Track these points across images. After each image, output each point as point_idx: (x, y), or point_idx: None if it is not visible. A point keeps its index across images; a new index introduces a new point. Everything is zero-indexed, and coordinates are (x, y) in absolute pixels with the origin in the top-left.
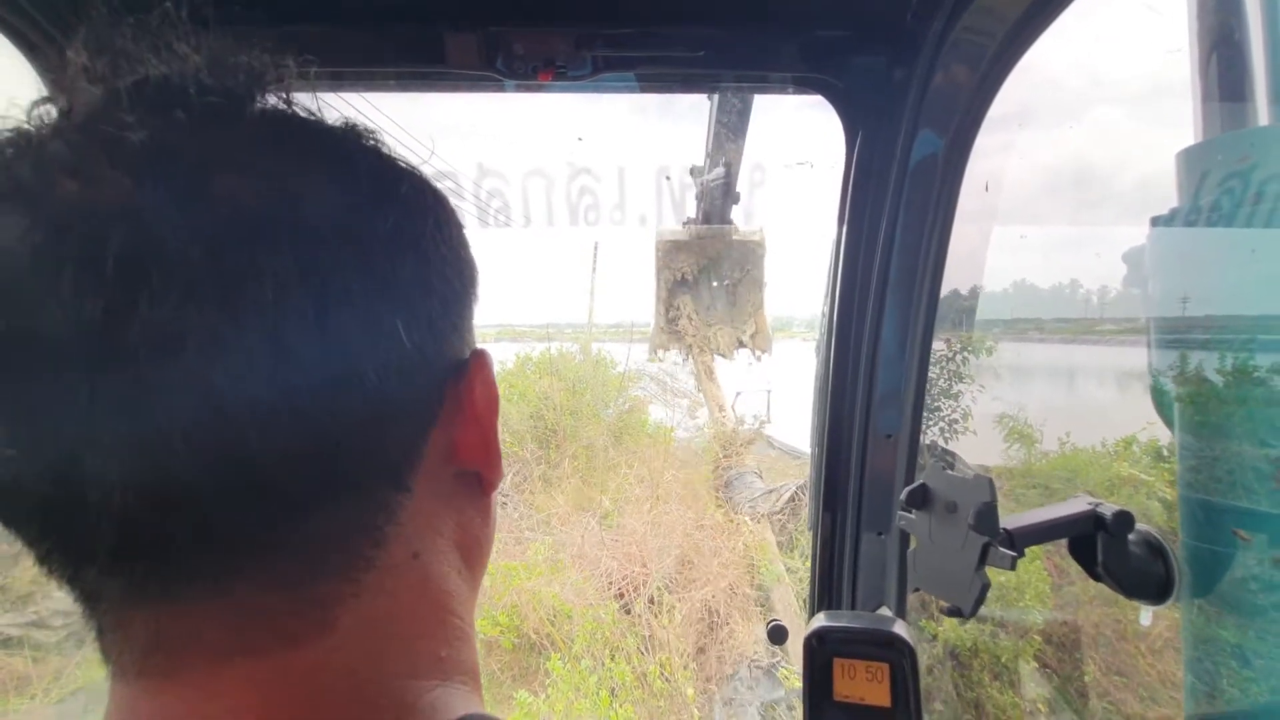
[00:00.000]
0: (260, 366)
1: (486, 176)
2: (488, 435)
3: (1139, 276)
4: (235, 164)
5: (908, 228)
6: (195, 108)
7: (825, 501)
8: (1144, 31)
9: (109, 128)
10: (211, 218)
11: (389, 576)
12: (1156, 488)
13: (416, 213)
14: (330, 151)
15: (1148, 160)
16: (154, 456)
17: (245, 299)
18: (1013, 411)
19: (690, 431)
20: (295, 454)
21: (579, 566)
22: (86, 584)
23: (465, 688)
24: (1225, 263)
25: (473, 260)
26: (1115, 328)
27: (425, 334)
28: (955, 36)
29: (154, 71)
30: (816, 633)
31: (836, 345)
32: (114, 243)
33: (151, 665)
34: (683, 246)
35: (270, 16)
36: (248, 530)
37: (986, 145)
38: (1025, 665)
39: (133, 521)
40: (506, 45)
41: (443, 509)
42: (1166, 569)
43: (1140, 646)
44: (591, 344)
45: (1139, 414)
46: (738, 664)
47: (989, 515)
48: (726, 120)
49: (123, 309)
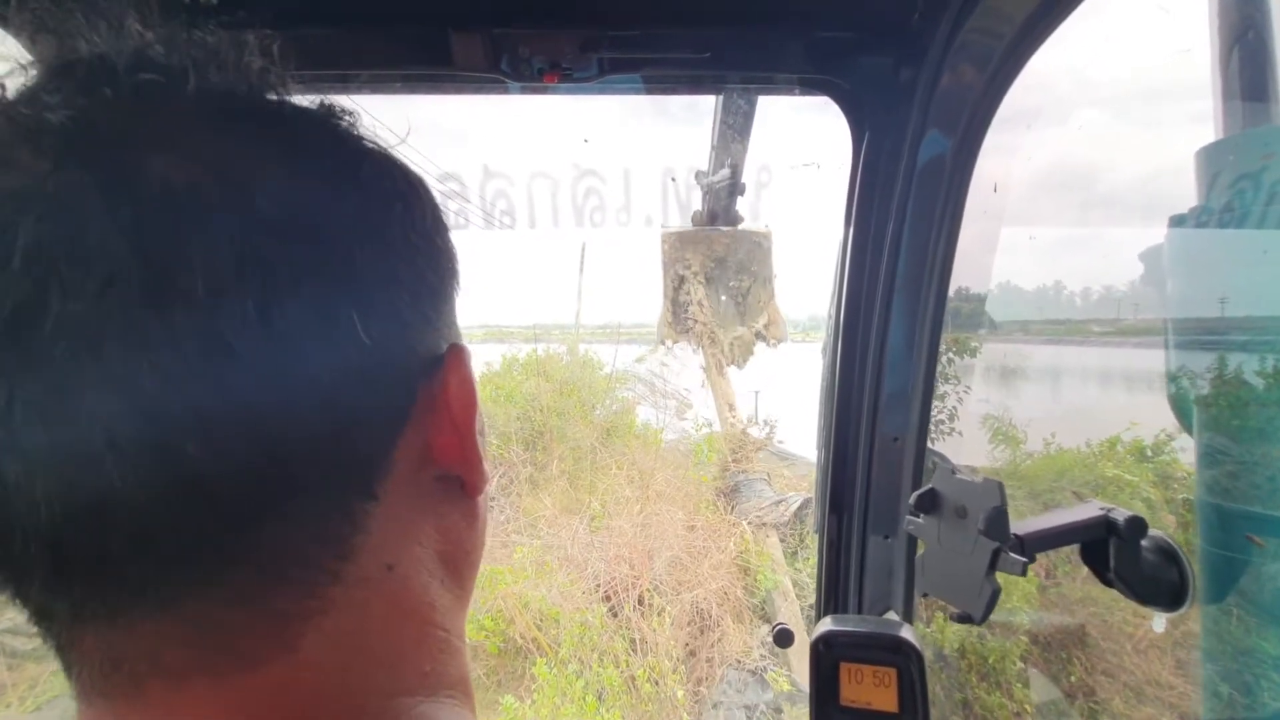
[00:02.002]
0: (193, 366)
1: (491, 179)
2: (465, 436)
3: (1156, 276)
4: (169, 145)
5: (915, 229)
6: (126, 86)
7: (831, 504)
8: (1152, 32)
9: (29, 110)
10: (135, 201)
11: (360, 590)
12: (1140, 488)
13: (381, 199)
14: (282, 132)
15: (1153, 160)
16: (80, 466)
17: (174, 291)
18: (997, 412)
19: (678, 433)
20: (238, 461)
21: (566, 569)
22: (32, 602)
23: (454, 701)
24: (1247, 262)
25: (451, 249)
26: (1101, 329)
27: (390, 329)
28: (962, 37)
29: (92, 51)
30: (823, 637)
31: (843, 347)
32: (23, 231)
33: (112, 686)
34: (689, 241)
35: (274, 19)
36: (191, 543)
37: (995, 146)
38: (1012, 666)
39: (64, 536)
40: (512, 47)
41: (421, 516)
42: (1181, 575)
43: (1126, 646)
44: (579, 345)
45: (1126, 414)
46: (727, 667)
47: (1000, 520)
48: (732, 121)
49: (32, 302)
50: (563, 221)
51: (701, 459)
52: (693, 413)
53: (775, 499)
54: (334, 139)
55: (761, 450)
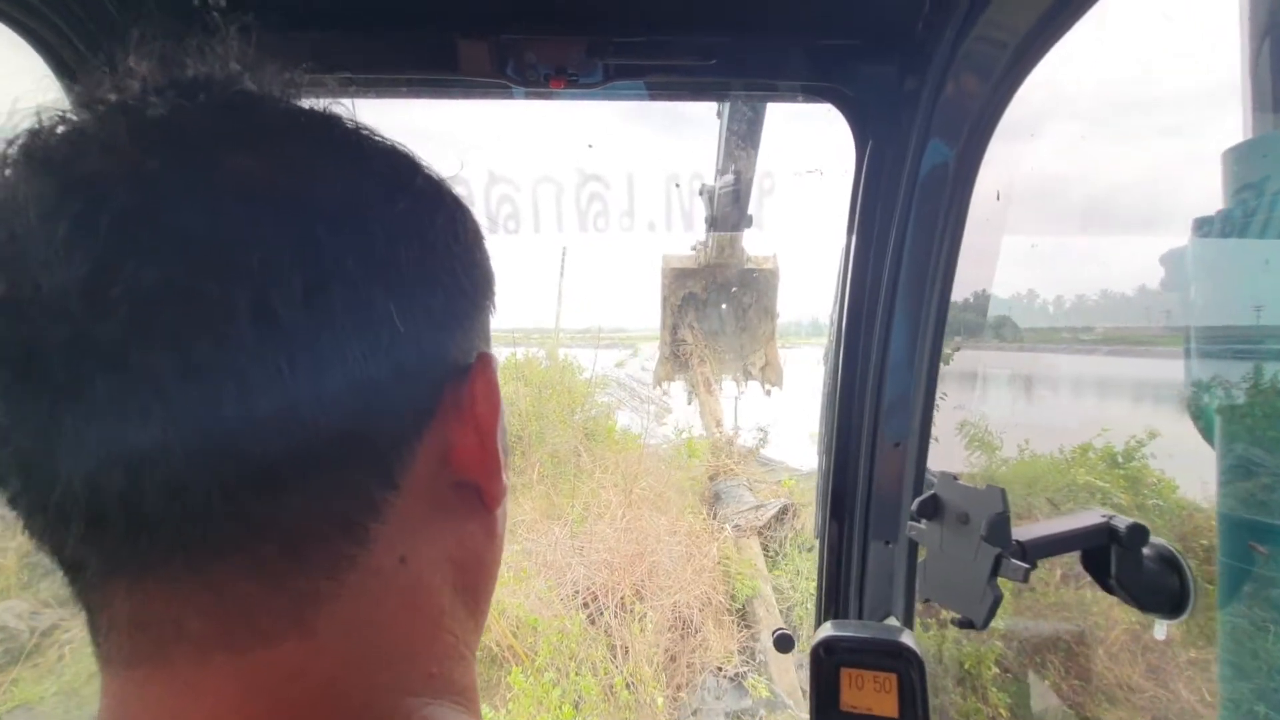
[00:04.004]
0: (242, 332)
1: (496, 183)
2: (487, 441)
3: (1179, 281)
4: (249, 146)
5: (918, 236)
6: (220, 96)
7: (833, 510)
8: (1159, 39)
9: (136, 105)
10: (212, 188)
11: (373, 579)
12: (1111, 494)
13: (427, 204)
14: (348, 142)
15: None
16: (129, 416)
17: (233, 265)
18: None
19: (658, 439)
20: (271, 426)
21: (545, 575)
22: (67, 554)
23: (460, 708)
24: (1269, 269)
25: (488, 266)
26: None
27: (424, 326)
28: (966, 47)
29: (196, 70)
30: (824, 642)
31: (845, 352)
32: (113, 202)
33: (138, 652)
34: (690, 273)
35: (283, 21)
36: (220, 504)
37: (998, 154)
38: (987, 670)
39: (103, 483)
40: (519, 53)
41: (437, 519)
42: (1182, 583)
43: (1099, 651)
44: (559, 349)
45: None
46: (707, 674)
47: (1001, 526)
48: (737, 129)
49: (112, 264)
50: (566, 226)
51: (683, 462)
52: (672, 417)
53: (755, 504)
54: (391, 150)
55: (746, 460)
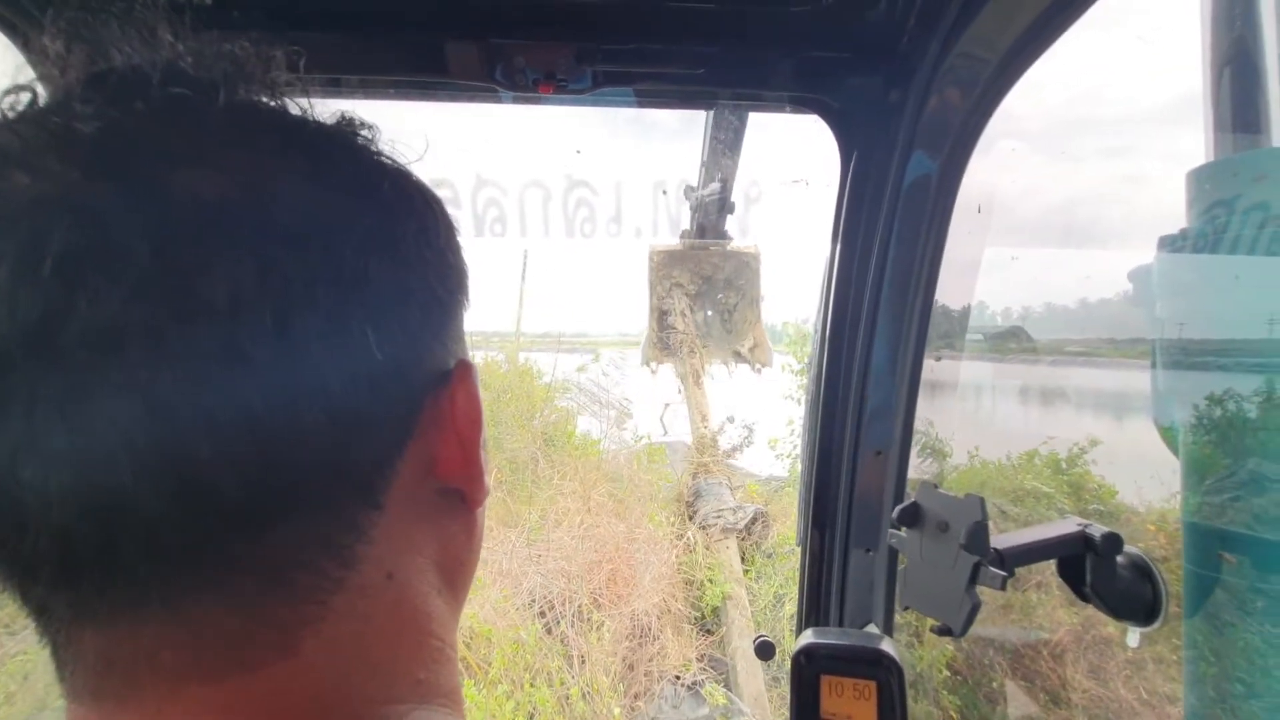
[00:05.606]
0: (211, 374)
1: (483, 187)
2: (469, 449)
3: (1145, 297)
4: (196, 158)
5: (901, 246)
6: (157, 99)
7: (814, 518)
8: (1138, 57)
9: (60, 119)
10: (163, 213)
11: (361, 598)
12: (1056, 499)
13: (397, 214)
14: (307, 147)
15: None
16: (95, 467)
17: (196, 299)
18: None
19: (619, 444)
20: (250, 466)
21: (501, 584)
22: (34, 599)
23: (445, 710)
24: (1238, 285)
25: (462, 265)
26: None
27: (400, 342)
28: (951, 60)
29: (125, 61)
30: (804, 650)
31: (828, 361)
32: (55, 239)
33: (106, 687)
34: (677, 259)
35: (269, 22)
36: (199, 547)
37: (980, 166)
38: (938, 674)
39: (74, 535)
40: (507, 57)
41: (422, 527)
42: (1154, 591)
43: (1044, 653)
44: (519, 353)
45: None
46: (665, 682)
47: (980, 535)
48: (722, 137)
49: (61, 308)
50: (553, 231)
51: (644, 466)
52: (632, 423)
53: (735, 505)
54: (354, 155)
55: (727, 459)
